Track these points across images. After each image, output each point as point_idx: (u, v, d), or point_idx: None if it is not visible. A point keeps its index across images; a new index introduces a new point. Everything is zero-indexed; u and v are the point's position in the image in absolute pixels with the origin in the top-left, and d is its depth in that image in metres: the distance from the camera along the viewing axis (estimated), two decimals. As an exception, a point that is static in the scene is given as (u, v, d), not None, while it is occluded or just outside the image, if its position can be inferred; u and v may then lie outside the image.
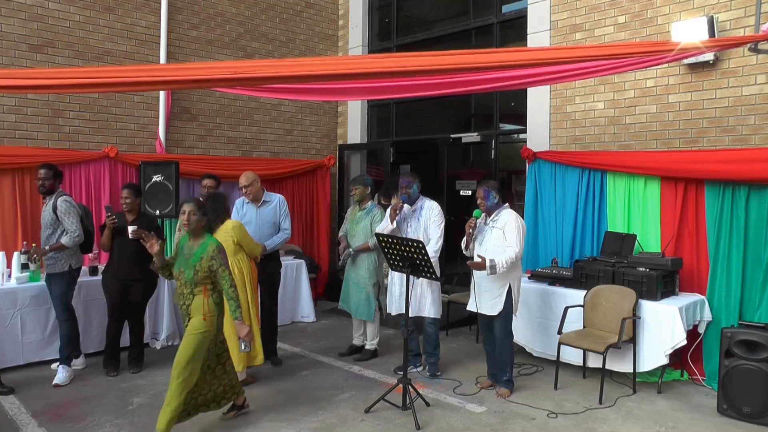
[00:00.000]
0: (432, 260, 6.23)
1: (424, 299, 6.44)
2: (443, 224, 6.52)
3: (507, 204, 6.10)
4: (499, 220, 5.92)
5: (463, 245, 6.18)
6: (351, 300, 7.11)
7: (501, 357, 6.07)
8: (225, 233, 6.04)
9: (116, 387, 6.17)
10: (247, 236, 6.22)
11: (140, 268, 6.50)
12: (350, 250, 7.06)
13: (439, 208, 6.54)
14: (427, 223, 6.46)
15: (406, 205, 6.58)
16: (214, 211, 6.07)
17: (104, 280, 6.71)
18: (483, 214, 6.06)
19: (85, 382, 6.29)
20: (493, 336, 6.16)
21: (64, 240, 6.21)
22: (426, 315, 6.46)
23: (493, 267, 5.72)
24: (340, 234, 7.45)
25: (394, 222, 6.51)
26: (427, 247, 6.21)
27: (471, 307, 6.13)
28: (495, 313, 5.92)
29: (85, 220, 6.51)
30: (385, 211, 6.96)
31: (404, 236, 6.39)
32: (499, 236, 5.87)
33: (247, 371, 6.26)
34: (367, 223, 6.99)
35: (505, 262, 5.73)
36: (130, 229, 6.35)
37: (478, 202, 5.99)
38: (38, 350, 6.66)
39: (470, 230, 6.01)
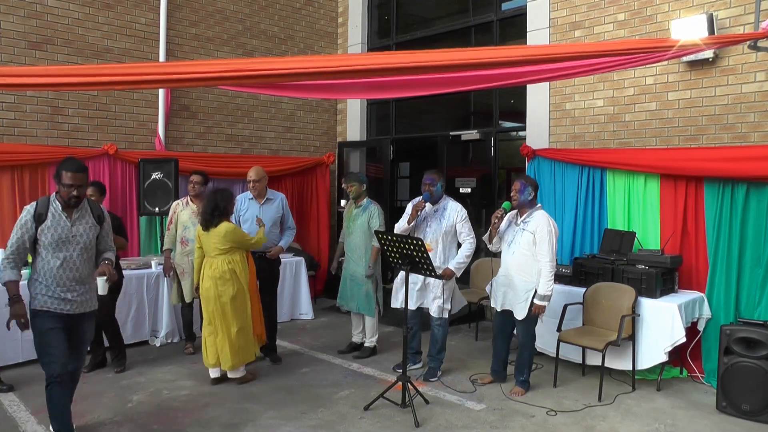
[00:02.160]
0: (465, 264, 6.29)
1: (435, 299, 6.37)
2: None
3: (540, 205, 6.00)
4: (531, 223, 5.82)
5: (486, 238, 6.14)
6: (351, 296, 7.10)
7: (520, 358, 6.04)
8: (217, 236, 6.06)
9: (115, 385, 6.17)
10: (241, 238, 6.21)
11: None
12: (369, 267, 6.94)
13: (465, 211, 6.39)
14: (452, 225, 6.31)
15: (428, 204, 6.40)
16: (213, 210, 6.07)
17: None
18: (515, 211, 6.01)
19: (84, 380, 6.29)
20: (507, 336, 6.17)
21: (111, 257, 4.95)
22: (433, 314, 6.41)
23: (545, 297, 5.75)
24: (341, 240, 7.42)
25: (412, 223, 6.34)
26: (459, 252, 6.26)
27: (498, 307, 6.10)
28: (522, 317, 5.87)
29: None
30: (381, 209, 6.99)
31: (420, 236, 6.29)
32: (529, 240, 5.79)
33: (246, 368, 6.29)
34: (364, 221, 6.96)
35: (548, 282, 5.73)
36: None
37: (512, 195, 5.89)
38: (38, 348, 6.66)
39: (495, 220, 5.92)
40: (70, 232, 4.58)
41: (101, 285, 4.70)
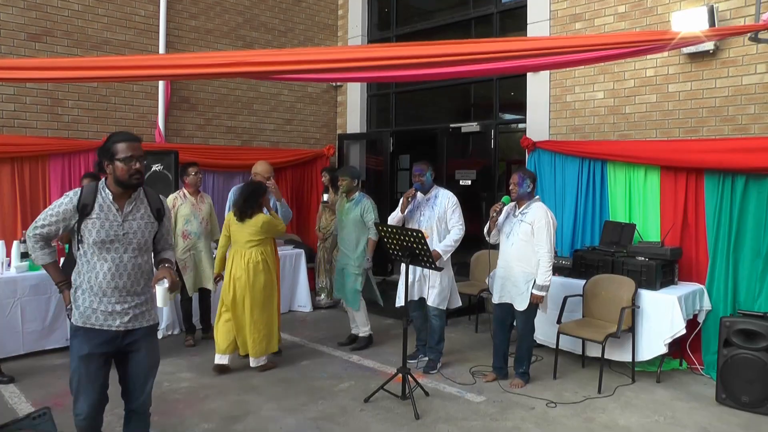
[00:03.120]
0: (452, 248, 6.31)
1: (433, 289, 6.39)
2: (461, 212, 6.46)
3: (538, 197, 6.03)
4: (529, 214, 5.84)
5: (486, 230, 6.15)
6: (342, 289, 7.14)
7: (520, 350, 6.05)
8: (253, 227, 6.22)
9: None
10: (275, 227, 6.40)
11: None
12: (368, 259, 6.95)
13: (455, 198, 6.44)
14: (443, 212, 6.36)
15: (419, 194, 6.49)
16: (247, 202, 6.24)
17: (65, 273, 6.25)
18: (513, 203, 6.01)
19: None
20: (506, 329, 6.16)
21: (171, 257, 4.09)
22: (430, 304, 6.42)
23: (543, 287, 5.76)
24: (334, 232, 7.38)
25: (405, 211, 6.46)
26: (448, 236, 6.28)
27: (497, 300, 6.09)
28: (523, 307, 5.88)
29: None
30: (372, 201, 7.02)
31: (415, 225, 6.39)
32: (527, 232, 5.80)
33: (267, 357, 6.42)
34: (357, 214, 6.93)
35: (546, 272, 5.74)
36: None
37: (511, 188, 5.92)
38: (38, 340, 6.66)
39: (494, 214, 5.95)
40: (120, 229, 3.69)
41: (161, 295, 3.75)
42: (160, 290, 3.71)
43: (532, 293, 5.79)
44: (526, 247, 5.82)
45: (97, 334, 3.67)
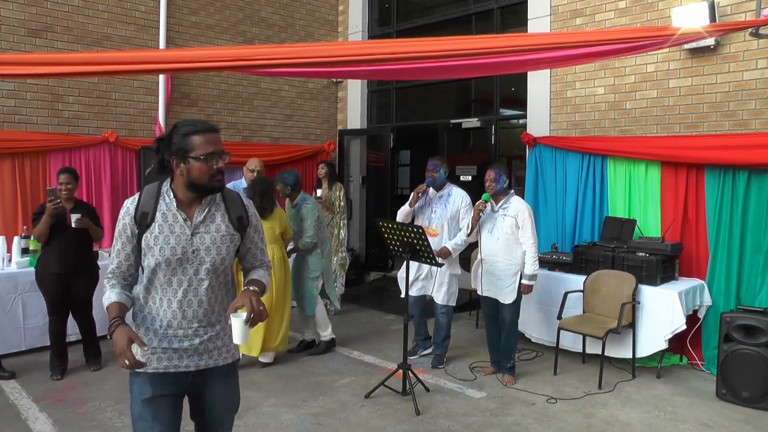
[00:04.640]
0: (462, 247, 6.34)
1: (441, 287, 6.40)
2: None
3: (513, 191, 6.07)
4: (510, 208, 5.90)
5: (466, 230, 6.17)
6: (296, 293, 6.93)
7: (507, 345, 6.07)
8: (276, 221, 6.29)
9: (117, 372, 6.17)
10: (288, 225, 6.50)
11: (83, 260, 6.11)
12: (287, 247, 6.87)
13: (469, 198, 6.43)
14: (456, 210, 6.36)
15: (431, 190, 6.46)
16: (264, 197, 6.24)
17: (40, 275, 6.01)
18: (490, 199, 6.04)
19: (87, 368, 6.29)
20: (497, 324, 6.18)
21: (264, 278, 3.17)
22: (439, 302, 6.43)
23: (533, 277, 5.87)
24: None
25: (414, 206, 6.41)
26: (458, 234, 6.28)
27: (488, 293, 6.09)
28: (509, 301, 5.92)
29: None
30: (317, 206, 6.89)
31: (425, 221, 6.42)
32: (512, 225, 5.85)
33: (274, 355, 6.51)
34: (298, 221, 6.77)
35: (534, 263, 5.86)
36: (74, 217, 5.80)
37: (487, 185, 5.93)
38: (40, 335, 6.63)
39: (479, 214, 5.97)
40: (189, 245, 2.83)
41: (238, 330, 2.72)
42: (237, 323, 2.71)
43: (522, 284, 5.86)
44: (511, 241, 5.88)
45: (161, 377, 2.90)
